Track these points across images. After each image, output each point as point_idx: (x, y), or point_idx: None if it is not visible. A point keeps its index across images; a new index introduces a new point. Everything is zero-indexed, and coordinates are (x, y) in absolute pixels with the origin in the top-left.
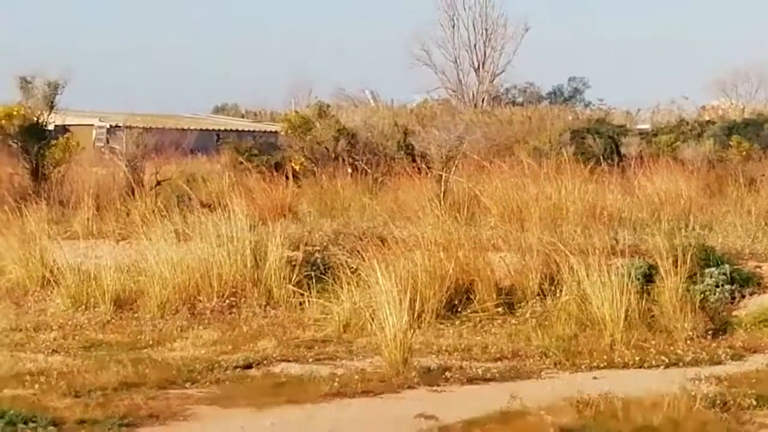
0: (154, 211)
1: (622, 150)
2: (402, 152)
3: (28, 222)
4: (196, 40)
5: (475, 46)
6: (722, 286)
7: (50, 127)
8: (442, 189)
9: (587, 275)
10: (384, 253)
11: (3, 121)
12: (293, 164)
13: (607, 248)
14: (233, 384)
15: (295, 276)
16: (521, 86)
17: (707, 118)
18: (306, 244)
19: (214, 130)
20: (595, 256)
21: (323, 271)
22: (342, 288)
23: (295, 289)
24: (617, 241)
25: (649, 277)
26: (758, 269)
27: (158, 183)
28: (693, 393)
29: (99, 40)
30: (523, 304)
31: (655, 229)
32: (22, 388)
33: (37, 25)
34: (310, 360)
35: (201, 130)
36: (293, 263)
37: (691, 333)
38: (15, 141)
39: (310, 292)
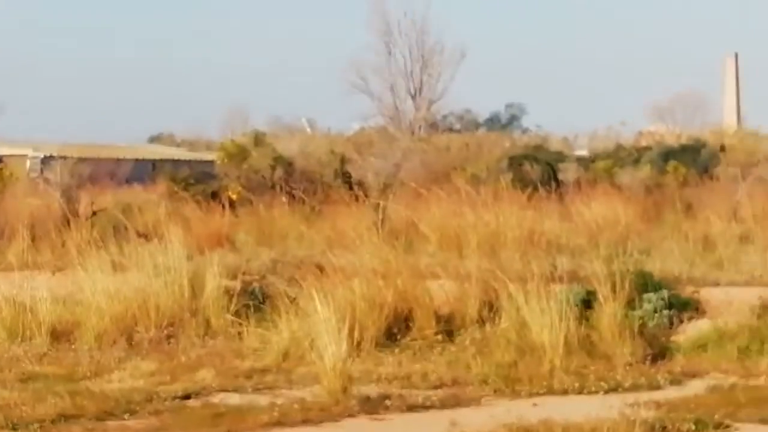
0: (90, 242)
1: (560, 176)
2: (339, 180)
3: None
4: (131, 68)
5: (411, 72)
6: (661, 311)
7: None
8: (380, 217)
9: (526, 302)
10: (322, 281)
11: None
12: (230, 193)
13: (545, 274)
14: (172, 415)
15: (233, 305)
16: (458, 113)
17: (645, 144)
18: (244, 274)
19: (149, 159)
20: (533, 283)
21: (261, 301)
22: (281, 317)
23: (234, 318)
24: (556, 268)
25: (587, 303)
26: (696, 294)
27: (94, 213)
28: (632, 418)
29: (33, 68)
30: (462, 331)
31: (594, 255)
32: None
33: None
34: (250, 390)
35: (136, 159)
36: (231, 293)
37: (630, 358)
38: None
39: (249, 322)
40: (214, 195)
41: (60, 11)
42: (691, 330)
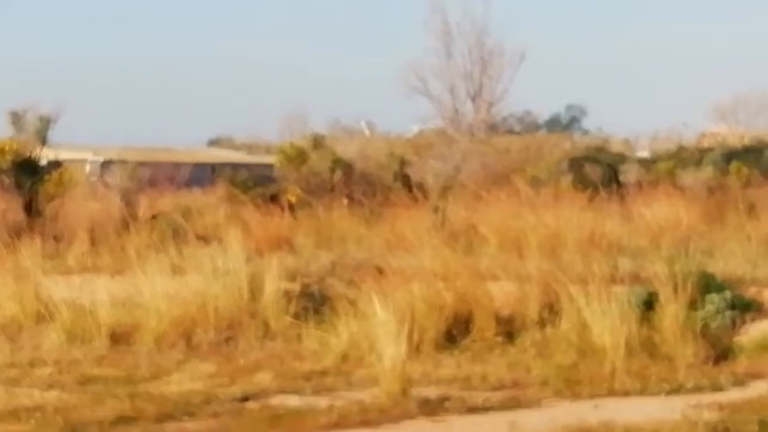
0: (149, 245)
1: (621, 178)
2: (398, 182)
3: (22, 257)
4: (190, 71)
5: (471, 74)
6: (723, 312)
7: (43, 162)
8: (440, 219)
9: (587, 303)
10: (381, 283)
11: None
12: (289, 196)
13: (606, 276)
14: (231, 417)
15: (292, 308)
16: (518, 115)
17: (706, 145)
18: (303, 276)
19: (209, 163)
20: (594, 284)
21: (320, 303)
22: (340, 319)
23: (293, 320)
24: (617, 269)
25: (649, 304)
26: (759, 295)
27: (153, 216)
28: (694, 420)
29: (93, 72)
30: (522, 333)
31: (655, 257)
32: (18, 424)
33: (31, 58)
34: (308, 392)
35: (196, 163)
36: (290, 295)
37: (692, 360)
38: (8, 176)
39: (308, 324)
40: (273, 198)
41: (119, 15)
42: (754, 331)
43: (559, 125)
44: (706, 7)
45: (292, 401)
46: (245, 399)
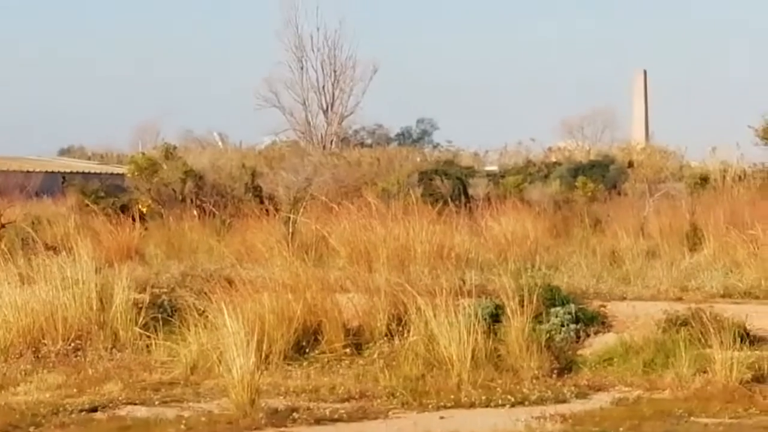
0: None
1: (470, 191)
2: (250, 194)
3: None
4: (41, 78)
5: (323, 87)
6: (568, 325)
7: None
8: (290, 231)
9: (435, 315)
10: (232, 294)
11: None
12: (140, 206)
13: (454, 288)
14: (78, 428)
15: (141, 318)
16: (370, 128)
17: (554, 160)
18: (153, 287)
19: (59, 172)
20: (442, 297)
21: (170, 314)
22: (189, 330)
23: (142, 331)
24: (464, 282)
25: (496, 317)
26: (603, 308)
27: (2, 226)
28: (537, 431)
29: None
30: (371, 344)
31: (502, 270)
32: None
33: None
34: (157, 403)
35: (46, 172)
36: (140, 306)
37: (537, 372)
38: None
39: (157, 335)
40: (124, 208)
41: None
42: (597, 344)
43: (410, 139)
44: (555, 25)
45: (141, 412)
46: (93, 410)
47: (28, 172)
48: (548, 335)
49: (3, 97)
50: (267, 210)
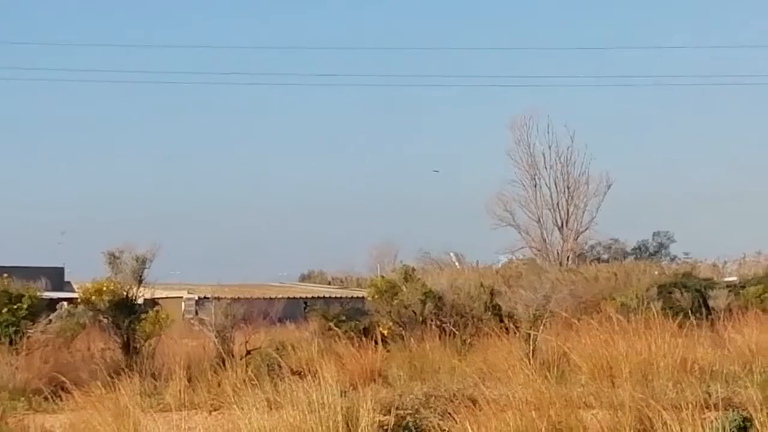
0: (245, 380)
1: (710, 303)
2: (489, 313)
3: (121, 396)
4: (280, 210)
5: (557, 204)
6: None
7: (139, 301)
8: (531, 348)
9: (681, 430)
10: (475, 414)
11: (93, 297)
12: (381, 329)
13: (700, 402)
14: None
15: None
16: (606, 243)
17: None
18: (397, 408)
19: (301, 297)
20: (688, 411)
21: None
22: None
23: None
24: (710, 395)
25: (744, 429)
26: None
27: (248, 352)
28: None
29: (185, 213)
30: None
31: (748, 381)
32: None
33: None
34: None
35: (288, 298)
36: (385, 428)
37: None
38: (105, 316)
39: None
40: (366, 331)
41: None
42: None
43: (646, 252)
44: None
45: None
46: None
47: (271, 298)
48: None
49: (243, 229)
50: (507, 328)
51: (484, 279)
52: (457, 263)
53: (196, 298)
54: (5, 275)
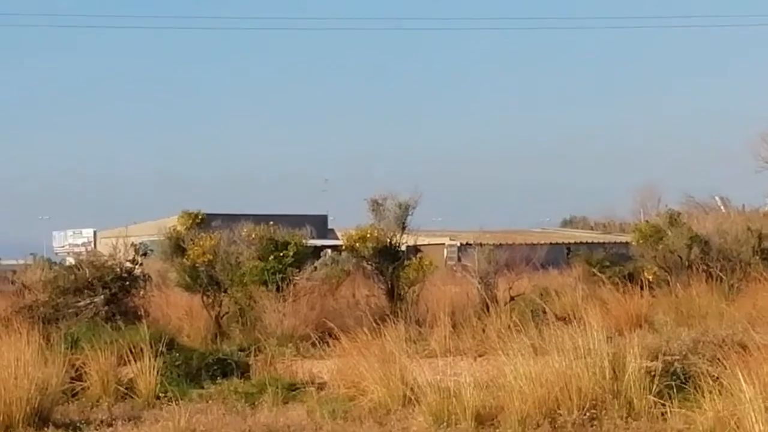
0: (509, 327)
1: None
2: (757, 257)
3: (386, 342)
4: (549, 155)
5: None
6: None
7: (403, 248)
8: None
9: None
10: (746, 360)
11: (357, 244)
12: (646, 274)
13: None
14: None
15: (655, 386)
16: None
17: None
18: (664, 354)
19: (563, 243)
20: None
21: (684, 381)
22: (704, 397)
23: (656, 399)
24: None
25: None
26: None
27: (512, 298)
28: None
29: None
30: None
31: None
32: None
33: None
34: None
35: (551, 243)
36: (653, 374)
37: None
38: (369, 263)
39: (672, 403)
40: (630, 276)
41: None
42: None
43: None
44: None
45: None
46: None
47: (533, 244)
48: None
49: (507, 174)
50: None
51: (751, 223)
52: (722, 207)
53: (458, 244)
54: (271, 223)
